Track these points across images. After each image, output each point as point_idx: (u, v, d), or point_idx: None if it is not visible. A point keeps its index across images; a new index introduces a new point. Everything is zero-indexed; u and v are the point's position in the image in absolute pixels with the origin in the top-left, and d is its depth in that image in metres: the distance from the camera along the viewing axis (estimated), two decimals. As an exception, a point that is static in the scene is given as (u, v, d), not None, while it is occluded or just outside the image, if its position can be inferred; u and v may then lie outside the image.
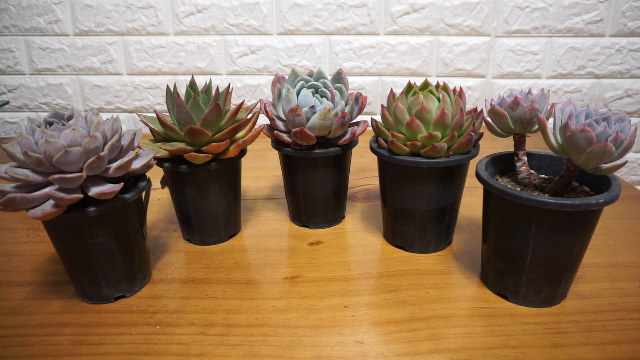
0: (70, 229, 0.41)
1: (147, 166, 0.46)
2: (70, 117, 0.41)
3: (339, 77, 0.57)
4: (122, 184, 0.41)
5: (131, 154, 0.44)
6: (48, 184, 0.40)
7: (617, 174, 1.04)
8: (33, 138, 0.38)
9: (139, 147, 0.47)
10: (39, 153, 0.38)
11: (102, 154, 0.39)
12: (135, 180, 0.46)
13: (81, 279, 0.44)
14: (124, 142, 0.44)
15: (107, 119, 0.43)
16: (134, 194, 0.44)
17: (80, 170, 0.39)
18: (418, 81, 0.51)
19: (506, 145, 0.92)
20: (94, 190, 0.40)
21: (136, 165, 0.44)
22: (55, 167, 0.39)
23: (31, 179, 0.39)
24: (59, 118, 0.41)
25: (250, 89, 1.05)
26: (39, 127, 0.39)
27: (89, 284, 0.44)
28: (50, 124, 0.40)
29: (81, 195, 0.39)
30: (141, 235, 0.47)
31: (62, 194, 0.38)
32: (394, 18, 0.98)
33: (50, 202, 0.39)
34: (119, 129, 0.43)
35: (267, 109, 0.56)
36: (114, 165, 0.42)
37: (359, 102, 0.55)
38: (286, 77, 0.58)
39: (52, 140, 0.37)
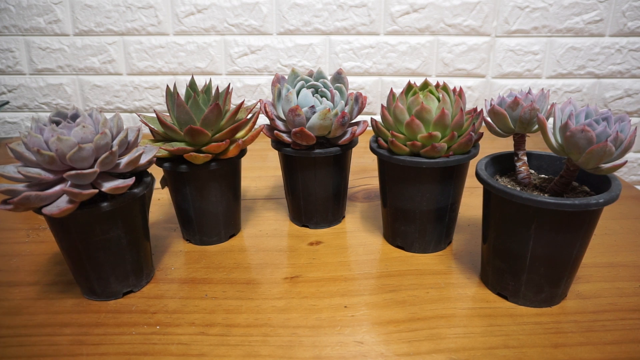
0: (82, 225, 0.42)
1: (151, 162, 0.47)
2: (74, 116, 0.42)
3: (338, 77, 0.57)
4: (134, 178, 0.42)
5: (140, 149, 0.45)
6: (59, 181, 0.41)
7: (617, 174, 1.04)
8: (42, 137, 0.39)
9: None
10: (51, 151, 0.38)
11: (114, 149, 0.40)
12: (139, 176, 0.47)
13: (89, 276, 0.44)
14: (131, 137, 0.45)
15: (110, 117, 0.44)
16: (142, 188, 0.45)
17: (92, 167, 0.40)
18: (418, 81, 0.51)
19: (506, 145, 0.92)
20: (106, 186, 0.41)
21: (143, 160, 0.45)
22: (66, 165, 0.39)
23: (43, 177, 0.40)
24: (64, 117, 0.42)
25: (250, 89, 1.05)
26: (45, 126, 0.40)
27: (97, 280, 0.44)
28: (57, 122, 0.41)
29: (97, 190, 0.40)
30: (145, 230, 0.47)
31: (78, 190, 0.39)
32: (394, 18, 0.98)
33: (65, 198, 0.40)
34: (123, 126, 0.44)
35: (267, 109, 0.56)
36: (124, 160, 0.43)
37: (359, 102, 0.55)
38: (286, 77, 0.58)
39: (64, 138, 0.38)
